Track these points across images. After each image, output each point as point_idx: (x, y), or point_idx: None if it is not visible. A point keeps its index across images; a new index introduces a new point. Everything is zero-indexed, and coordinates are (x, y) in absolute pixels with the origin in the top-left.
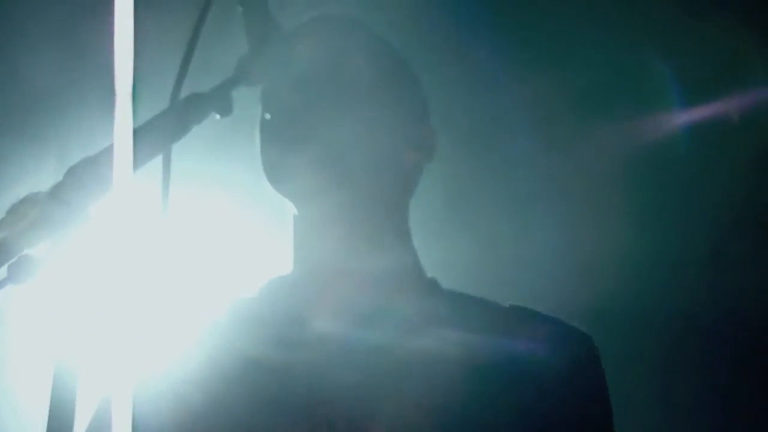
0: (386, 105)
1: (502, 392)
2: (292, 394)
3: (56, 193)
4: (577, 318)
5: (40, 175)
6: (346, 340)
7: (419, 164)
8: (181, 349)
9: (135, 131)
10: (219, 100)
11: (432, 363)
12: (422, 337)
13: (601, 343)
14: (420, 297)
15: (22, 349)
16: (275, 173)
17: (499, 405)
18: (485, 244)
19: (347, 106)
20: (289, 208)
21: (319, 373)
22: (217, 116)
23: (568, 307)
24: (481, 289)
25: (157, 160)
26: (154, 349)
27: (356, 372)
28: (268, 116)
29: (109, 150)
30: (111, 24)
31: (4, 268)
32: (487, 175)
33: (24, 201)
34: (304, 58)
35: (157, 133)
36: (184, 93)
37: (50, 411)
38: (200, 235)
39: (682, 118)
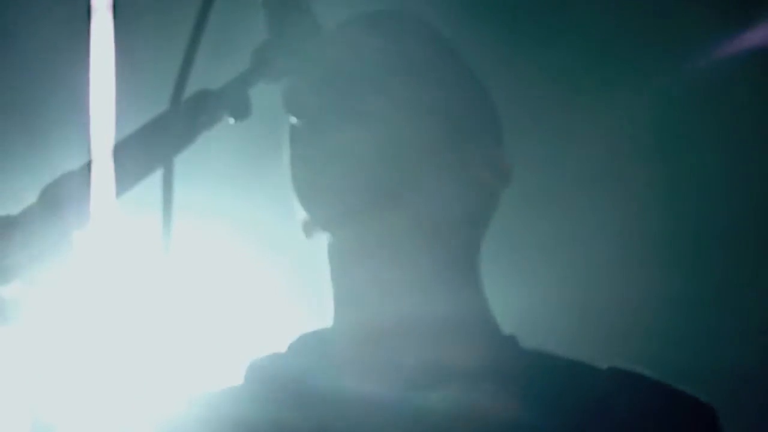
0: (431, 117)
1: None
2: None
3: (29, 217)
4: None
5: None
6: (396, 404)
7: (493, 188)
8: (187, 419)
9: (127, 139)
10: (233, 99)
11: None
12: (492, 405)
13: None
14: (491, 356)
15: None
16: (311, 193)
17: None
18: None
19: (380, 116)
20: (326, 244)
21: None
22: (231, 120)
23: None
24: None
25: (157, 176)
26: (151, 413)
27: None
28: (295, 121)
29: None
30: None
31: None
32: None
33: None
34: (347, 48)
35: (155, 142)
36: (188, 91)
37: None
38: (209, 272)
39: None
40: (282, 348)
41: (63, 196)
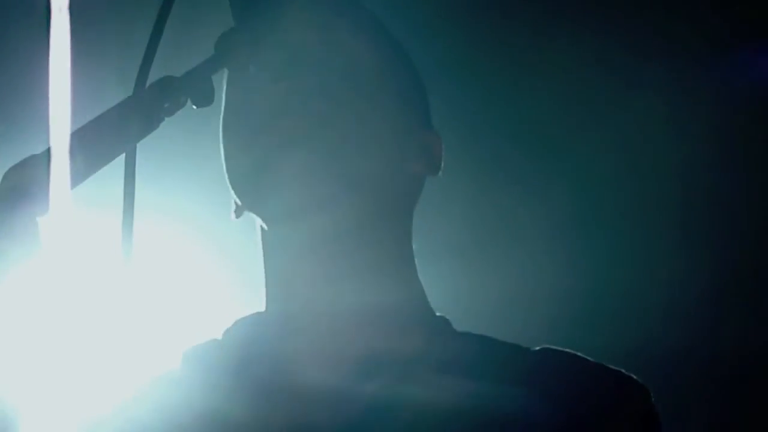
0: (391, 102)
1: None
2: None
3: None
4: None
5: None
6: (332, 394)
7: (423, 176)
8: (126, 406)
9: (89, 124)
10: (196, 86)
11: (440, 424)
12: (429, 391)
13: None
14: (427, 340)
15: None
16: (248, 187)
17: None
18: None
19: (346, 100)
20: (262, 231)
21: None
22: (194, 106)
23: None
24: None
25: (119, 162)
26: (96, 400)
27: None
28: (250, 105)
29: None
30: None
31: None
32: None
33: None
34: (295, 36)
35: (118, 128)
36: (152, 78)
37: None
38: (167, 260)
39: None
40: (218, 334)
41: (25, 181)
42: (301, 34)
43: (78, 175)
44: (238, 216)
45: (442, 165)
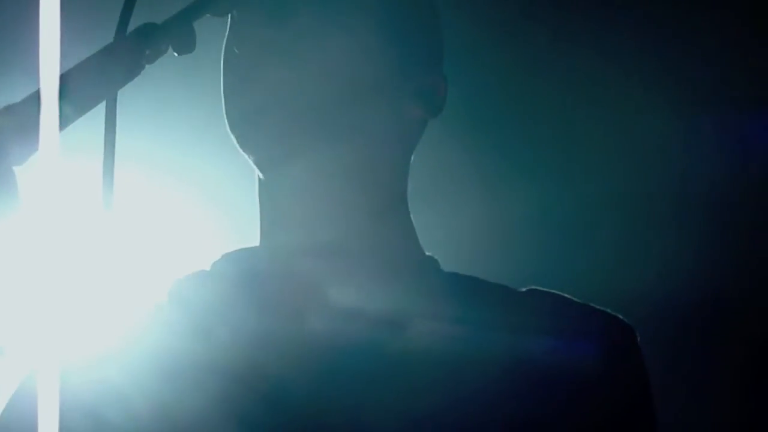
0: (392, 50)
1: (516, 401)
2: (251, 402)
3: None
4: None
5: None
6: (321, 335)
7: (424, 120)
8: (112, 342)
9: (71, 71)
10: (178, 32)
11: (426, 365)
12: (415, 332)
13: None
14: (415, 280)
15: None
16: (244, 129)
17: (512, 417)
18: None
19: (340, 48)
20: (257, 172)
21: (285, 376)
22: (175, 53)
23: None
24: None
25: (100, 109)
26: (84, 338)
27: (332, 377)
28: (237, 52)
29: (36, 96)
30: None
31: None
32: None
33: None
34: None
35: (99, 75)
36: (133, 24)
37: None
38: (149, 202)
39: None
40: (205, 267)
41: (5, 127)
42: None
43: (61, 122)
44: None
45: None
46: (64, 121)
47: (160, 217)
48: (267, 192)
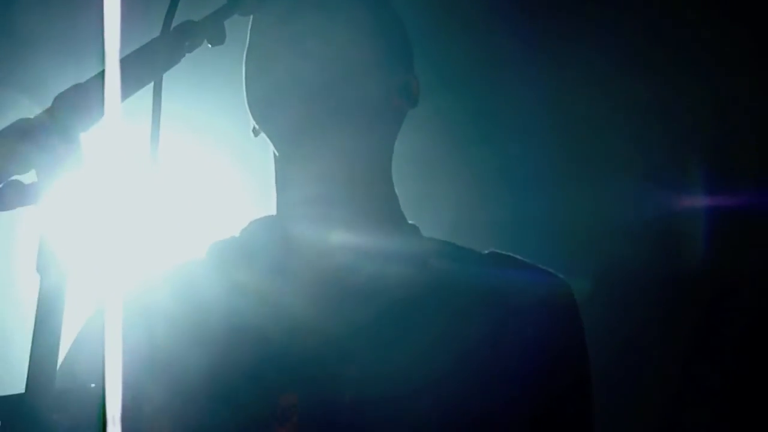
0: (378, 47)
1: (477, 337)
2: (270, 331)
3: (44, 120)
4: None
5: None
6: (324, 282)
7: (404, 110)
8: (161, 284)
9: (126, 58)
10: (211, 28)
11: (408, 305)
12: (398, 279)
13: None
14: (400, 241)
15: (10, 266)
16: (261, 109)
17: (472, 352)
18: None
19: (339, 43)
20: (271, 148)
21: (295, 312)
22: (209, 45)
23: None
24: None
25: (148, 89)
26: (135, 279)
27: (333, 314)
28: (257, 44)
29: (98, 77)
30: None
31: None
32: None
33: (12, 127)
34: None
35: (148, 61)
36: (176, 21)
37: (36, 325)
38: (190, 163)
39: None
40: (236, 231)
41: (75, 102)
42: None
43: (121, 96)
44: (256, 135)
45: (418, 99)
46: (122, 96)
47: (200, 178)
48: (282, 163)
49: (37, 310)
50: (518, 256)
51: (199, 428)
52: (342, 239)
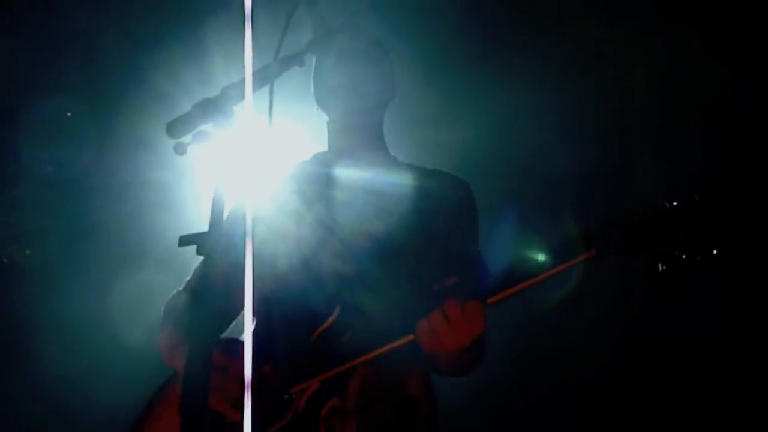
0: (385, 72)
1: (423, 211)
2: (324, 210)
3: (211, 101)
4: None
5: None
6: (352, 184)
7: (388, 104)
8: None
9: (257, 71)
10: (297, 59)
11: (381, 197)
12: (380, 185)
13: None
14: (385, 164)
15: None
16: (321, 102)
17: (423, 211)
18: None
19: (370, 74)
20: (325, 119)
21: (336, 201)
22: (296, 67)
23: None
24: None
25: (266, 89)
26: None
27: (355, 200)
28: (325, 65)
29: (241, 82)
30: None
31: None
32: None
33: (201, 102)
34: (337, 48)
35: (266, 74)
36: (279, 55)
37: (213, 206)
38: (286, 132)
39: None
40: (310, 156)
41: (228, 93)
42: (348, 44)
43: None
44: (318, 111)
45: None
46: (254, 89)
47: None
48: (332, 126)
49: (214, 198)
50: (445, 170)
51: (292, 291)
52: (356, 165)
